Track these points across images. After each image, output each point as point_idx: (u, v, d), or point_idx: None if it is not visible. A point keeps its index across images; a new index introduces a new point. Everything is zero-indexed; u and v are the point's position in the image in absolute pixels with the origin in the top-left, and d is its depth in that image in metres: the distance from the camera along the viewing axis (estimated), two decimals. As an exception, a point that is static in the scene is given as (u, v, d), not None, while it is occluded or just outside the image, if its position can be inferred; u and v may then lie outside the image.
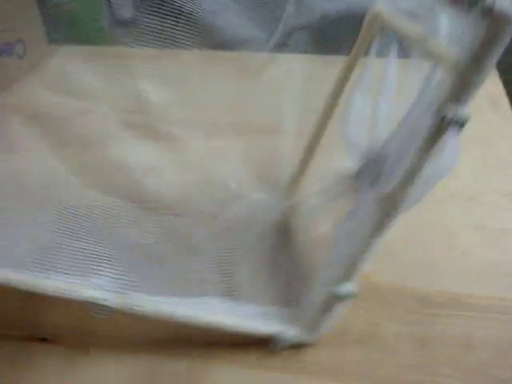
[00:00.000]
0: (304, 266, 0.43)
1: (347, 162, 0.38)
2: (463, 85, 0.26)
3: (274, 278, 0.42)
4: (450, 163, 0.29)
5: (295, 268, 0.43)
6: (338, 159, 0.39)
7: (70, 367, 0.38)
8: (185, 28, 0.35)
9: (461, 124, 0.26)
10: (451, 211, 0.35)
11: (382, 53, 0.37)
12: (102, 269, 0.36)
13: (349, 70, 0.41)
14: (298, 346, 0.38)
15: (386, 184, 0.31)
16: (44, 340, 0.40)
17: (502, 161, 0.56)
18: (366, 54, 0.39)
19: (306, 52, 0.40)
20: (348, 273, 0.34)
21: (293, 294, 0.41)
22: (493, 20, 0.24)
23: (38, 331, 0.41)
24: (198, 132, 0.53)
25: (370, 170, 0.36)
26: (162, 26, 0.35)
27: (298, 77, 0.45)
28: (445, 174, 0.30)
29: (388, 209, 0.31)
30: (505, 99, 0.67)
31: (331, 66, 0.41)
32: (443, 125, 0.26)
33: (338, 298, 0.35)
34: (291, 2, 0.37)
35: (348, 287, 0.35)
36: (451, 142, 0.27)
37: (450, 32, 0.28)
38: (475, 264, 0.45)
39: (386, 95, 0.36)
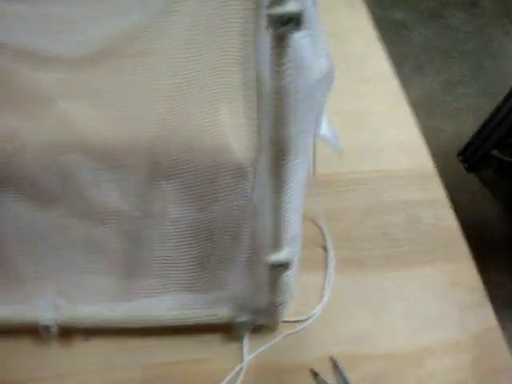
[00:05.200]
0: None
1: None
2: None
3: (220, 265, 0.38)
4: (320, 63, 0.25)
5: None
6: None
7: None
8: None
9: (292, 20, 0.21)
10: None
11: None
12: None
13: None
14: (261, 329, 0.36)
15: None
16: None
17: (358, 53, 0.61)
18: None
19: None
20: (276, 242, 0.31)
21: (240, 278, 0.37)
22: None
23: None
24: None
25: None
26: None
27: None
28: (318, 73, 0.25)
29: (279, 147, 0.26)
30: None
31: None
32: (277, 25, 0.21)
33: (273, 268, 0.32)
34: None
35: (279, 256, 0.32)
36: (300, 42, 0.23)
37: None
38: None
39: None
